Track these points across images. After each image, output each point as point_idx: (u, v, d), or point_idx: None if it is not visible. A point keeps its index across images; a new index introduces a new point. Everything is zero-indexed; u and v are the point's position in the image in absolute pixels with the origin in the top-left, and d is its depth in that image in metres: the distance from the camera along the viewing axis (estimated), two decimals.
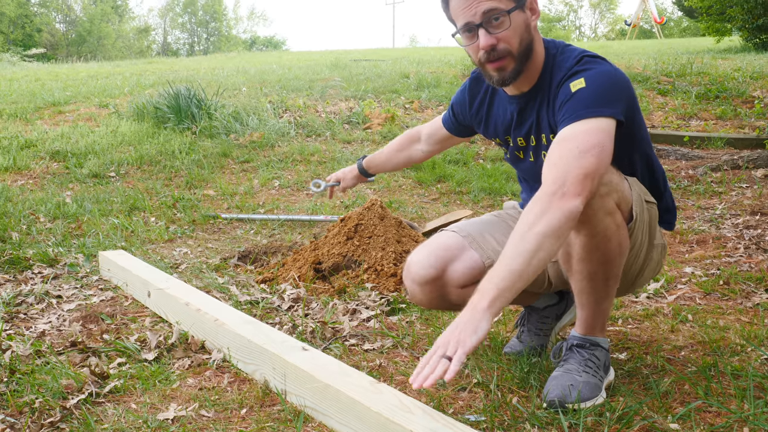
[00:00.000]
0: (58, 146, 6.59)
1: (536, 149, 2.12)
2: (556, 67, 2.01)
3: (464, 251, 2.15)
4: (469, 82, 2.27)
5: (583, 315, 2.03)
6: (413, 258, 2.15)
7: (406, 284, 2.18)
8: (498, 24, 1.92)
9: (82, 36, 49.19)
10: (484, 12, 1.90)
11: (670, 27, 48.88)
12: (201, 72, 12.72)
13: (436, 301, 2.16)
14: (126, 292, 3.16)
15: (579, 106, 1.85)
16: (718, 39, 17.54)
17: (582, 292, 1.98)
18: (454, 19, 1.98)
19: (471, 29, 1.94)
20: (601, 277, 1.93)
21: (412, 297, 2.19)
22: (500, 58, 1.95)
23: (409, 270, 2.15)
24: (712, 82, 9.00)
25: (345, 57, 16.89)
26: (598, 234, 1.85)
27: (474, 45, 1.96)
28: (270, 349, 2.09)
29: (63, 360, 2.35)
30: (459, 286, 2.12)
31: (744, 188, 4.85)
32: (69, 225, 4.41)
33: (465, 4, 1.91)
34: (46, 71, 15.01)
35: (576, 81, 1.89)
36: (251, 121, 7.43)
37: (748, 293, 2.95)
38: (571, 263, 1.95)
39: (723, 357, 2.25)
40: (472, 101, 2.25)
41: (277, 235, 4.28)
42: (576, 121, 1.83)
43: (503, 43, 1.93)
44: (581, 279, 1.95)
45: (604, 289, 1.96)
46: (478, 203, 4.99)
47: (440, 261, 2.11)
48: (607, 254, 1.89)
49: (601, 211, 1.83)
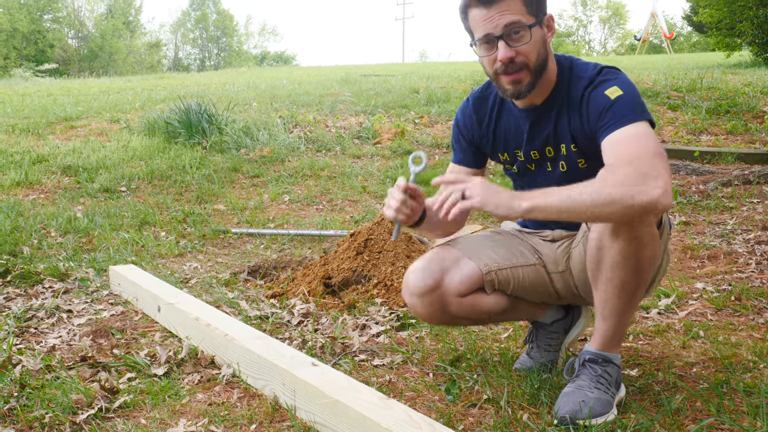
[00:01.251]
0: (69, 161, 6.64)
1: (554, 160, 2.14)
2: (574, 78, 2.05)
3: (460, 260, 2.16)
4: (473, 104, 2.25)
5: (603, 327, 2.01)
6: (410, 272, 2.16)
7: (406, 300, 2.18)
8: (518, 38, 1.95)
9: (94, 51, 49.63)
10: (505, 25, 1.93)
11: (680, 42, 48.89)
12: (212, 87, 12.80)
13: (437, 314, 2.14)
14: (136, 307, 3.17)
15: (626, 111, 1.90)
16: (728, 54, 17.53)
17: (607, 302, 1.97)
18: (473, 29, 2.00)
19: (490, 41, 1.96)
20: (631, 287, 1.94)
21: (414, 311, 2.18)
22: (517, 71, 1.97)
23: (407, 285, 2.15)
24: (722, 97, 8.98)
25: (355, 72, 16.96)
26: (636, 239, 1.87)
27: (492, 56, 1.98)
28: (279, 365, 2.09)
29: (73, 375, 2.35)
30: (458, 294, 2.12)
31: (755, 203, 4.83)
32: (80, 239, 4.43)
33: (487, 15, 1.94)
34: (59, 86, 15.14)
35: (611, 89, 1.95)
36: (261, 136, 7.46)
37: (760, 309, 2.92)
38: (602, 270, 1.95)
39: (735, 374, 2.23)
40: (480, 121, 2.24)
41: (287, 250, 4.29)
42: (627, 124, 1.88)
43: (521, 56, 1.96)
44: (611, 287, 1.95)
45: (631, 301, 1.97)
46: (487, 218, 4.98)
47: (436, 271, 2.11)
48: (641, 262, 1.91)
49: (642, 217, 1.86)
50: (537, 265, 2.21)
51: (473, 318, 2.20)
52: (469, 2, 1.98)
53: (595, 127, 1.96)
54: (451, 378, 2.28)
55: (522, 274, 2.19)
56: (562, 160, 2.12)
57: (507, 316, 2.29)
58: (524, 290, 2.21)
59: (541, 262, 2.22)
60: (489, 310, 2.18)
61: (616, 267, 1.92)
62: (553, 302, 2.33)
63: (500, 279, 2.16)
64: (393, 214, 2.05)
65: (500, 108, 2.20)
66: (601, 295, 1.98)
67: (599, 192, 1.74)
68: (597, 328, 2.03)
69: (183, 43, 63.45)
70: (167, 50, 62.12)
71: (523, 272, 2.20)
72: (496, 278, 2.16)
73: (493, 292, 2.18)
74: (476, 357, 2.47)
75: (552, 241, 2.27)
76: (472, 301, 2.15)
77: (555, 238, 2.26)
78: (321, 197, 5.68)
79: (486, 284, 2.15)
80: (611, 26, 64.94)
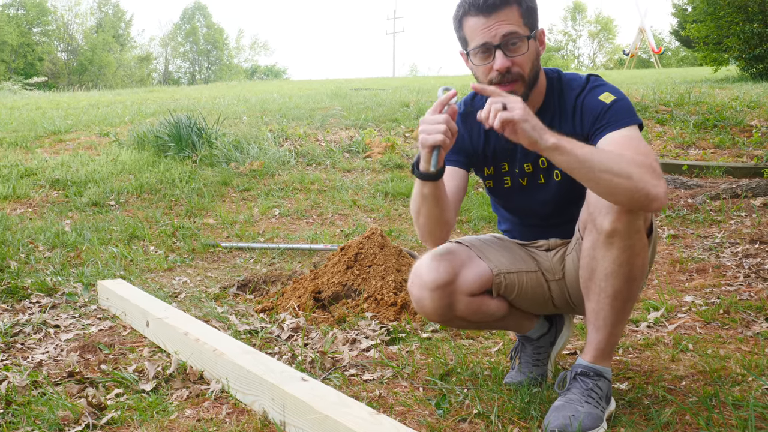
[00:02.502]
0: (58, 175, 6.61)
1: (547, 170, 2.16)
2: (565, 87, 2.11)
3: (473, 259, 2.16)
4: (461, 118, 2.22)
5: (595, 338, 2.01)
6: (422, 264, 2.13)
7: (413, 292, 2.14)
8: (515, 48, 1.97)
9: (84, 65, 49.54)
10: (504, 35, 1.95)
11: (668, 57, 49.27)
12: (202, 101, 12.79)
13: (442, 310, 2.12)
14: (124, 322, 3.15)
15: (621, 115, 1.98)
16: (715, 69, 17.67)
17: (600, 312, 1.98)
18: (469, 38, 2.01)
19: (488, 50, 1.98)
20: (624, 297, 1.95)
21: (420, 305, 2.14)
22: (512, 82, 1.99)
23: (418, 276, 2.12)
24: (710, 111, 9.05)
25: (345, 86, 17.00)
26: (629, 249, 1.90)
27: (487, 66, 1.99)
28: (269, 380, 2.08)
29: (60, 391, 2.33)
30: (468, 293, 2.11)
31: (743, 217, 4.85)
32: (68, 254, 4.41)
33: (486, 24, 1.96)
34: (48, 100, 15.10)
35: (604, 94, 2.02)
36: (252, 149, 7.46)
37: (749, 322, 2.94)
38: (595, 280, 1.96)
39: (724, 387, 2.24)
40: (470, 135, 2.23)
41: (276, 264, 4.28)
42: (625, 126, 1.96)
43: (517, 67, 1.98)
44: (603, 298, 1.96)
45: (623, 311, 1.98)
46: (478, 231, 4.98)
47: (452, 266, 2.10)
48: (633, 271, 1.93)
49: (635, 227, 1.90)
50: (538, 272, 2.23)
51: (473, 321, 2.19)
52: (467, 10, 1.99)
53: (590, 131, 2.00)
54: (442, 392, 2.27)
55: (526, 280, 2.21)
56: (556, 169, 2.13)
57: (500, 323, 2.29)
58: (525, 297, 2.22)
59: (539, 269, 2.23)
60: (491, 313, 2.19)
61: (610, 276, 1.93)
62: (546, 312, 2.34)
63: (507, 283, 2.17)
64: (441, 137, 1.88)
65: None
66: (594, 306, 1.99)
67: (619, 163, 1.79)
68: (589, 341, 2.03)
69: (173, 56, 63.46)
70: (157, 64, 62.12)
71: (527, 278, 2.21)
72: (504, 282, 2.17)
73: (497, 297, 2.18)
74: (466, 371, 2.47)
75: (547, 250, 2.27)
76: (479, 302, 2.15)
77: (550, 246, 2.27)
78: (311, 211, 5.67)
79: (494, 287, 2.16)
80: (600, 41, 65.38)
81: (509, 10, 1.96)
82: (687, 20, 19.74)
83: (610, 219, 1.88)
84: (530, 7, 2.00)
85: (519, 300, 2.22)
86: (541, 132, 1.80)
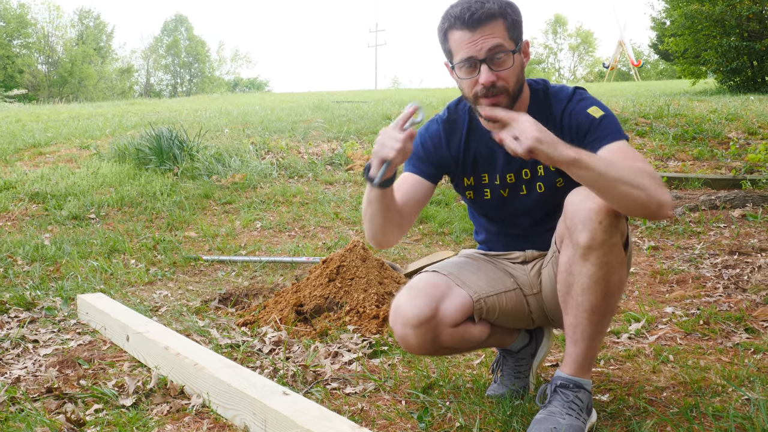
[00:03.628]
0: (37, 188, 6.55)
1: (530, 182, 2.16)
2: (552, 97, 2.12)
3: (452, 288, 2.13)
4: (443, 127, 2.23)
5: (574, 352, 2.01)
6: (402, 301, 2.09)
7: (396, 330, 2.10)
8: (500, 62, 1.97)
9: (64, 77, 49.24)
10: (489, 48, 1.95)
11: (647, 70, 49.83)
12: (184, 113, 12.75)
13: (427, 345, 2.09)
14: (104, 336, 3.12)
15: (612, 129, 2.01)
16: (693, 81, 17.90)
17: (577, 327, 1.98)
18: (455, 51, 2.00)
19: (473, 64, 1.97)
20: (601, 311, 1.95)
21: (404, 342, 2.11)
22: (496, 95, 1.98)
23: (399, 314, 2.08)
24: (688, 123, 9.14)
25: (328, 98, 17.02)
26: (606, 264, 1.90)
27: (473, 80, 1.99)
28: (250, 394, 2.07)
29: (38, 407, 2.30)
30: (452, 324, 2.09)
31: (722, 228, 4.90)
32: (47, 268, 4.37)
33: (471, 38, 1.95)
34: (27, 112, 14.98)
35: (592, 108, 2.05)
36: (233, 162, 7.44)
37: (728, 333, 2.96)
38: (572, 294, 1.96)
39: (704, 398, 2.25)
40: (449, 144, 2.23)
41: (258, 277, 4.26)
42: (618, 140, 1.99)
43: (502, 81, 1.98)
44: (581, 312, 1.96)
45: (600, 325, 1.98)
46: (460, 244, 5.00)
47: (432, 300, 2.07)
48: (610, 287, 1.93)
49: (612, 241, 1.89)
50: (516, 290, 2.22)
51: (458, 348, 2.19)
52: (452, 23, 1.98)
53: (582, 143, 1.99)
54: (424, 405, 2.27)
55: (506, 300, 2.20)
56: (540, 181, 2.14)
57: (482, 344, 2.28)
58: (506, 316, 2.21)
59: (517, 286, 2.23)
60: (475, 339, 2.17)
61: (587, 291, 1.93)
62: (525, 327, 2.34)
63: (488, 307, 2.16)
64: (393, 154, 1.89)
65: (470, 132, 2.21)
66: (572, 320, 1.99)
67: (633, 174, 1.80)
68: (568, 353, 2.03)
69: (155, 69, 63.25)
70: (139, 76, 61.89)
71: (507, 298, 2.20)
72: (485, 306, 2.15)
73: (479, 321, 2.17)
74: (448, 384, 2.46)
75: (523, 263, 2.28)
76: (463, 331, 2.13)
77: (527, 259, 2.27)
78: (293, 224, 5.66)
79: (475, 312, 2.14)
80: (581, 54, 66.03)
81: (495, 24, 1.95)
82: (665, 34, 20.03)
83: (587, 234, 1.88)
84: (515, 21, 2.00)
85: (500, 320, 2.22)
86: (558, 147, 1.79)
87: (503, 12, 1.97)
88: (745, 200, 5.47)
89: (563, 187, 2.10)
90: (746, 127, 8.82)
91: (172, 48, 62.06)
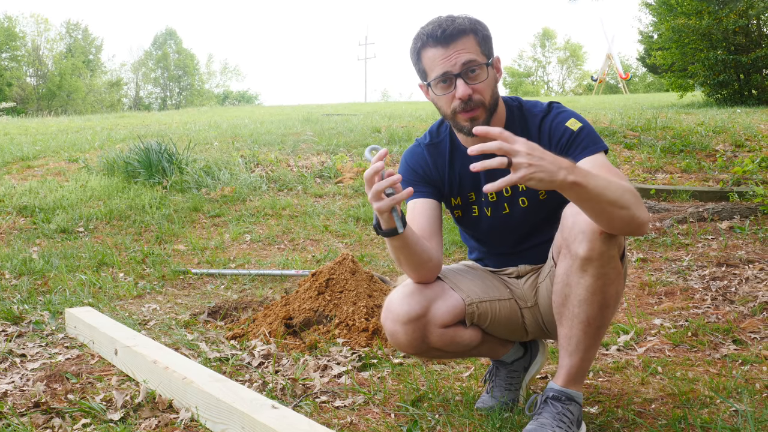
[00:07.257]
0: (25, 201, 6.52)
1: (512, 198, 2.18)
2: (527, 113, 2.15)
3: (445, 290, 2.16)
4: (427, 150, 2.24)
5: (568, 364, 2.01)
6: (394, 298, 2.13)
7: (387, 326, 2.14)
8: (475, 76, 2.00)
9: (53, 90, 49.12)
10: (463, 63, 1.98)
11: (635, 83, 50.17)
12: (173, 126, 12.74)
13: (416, 343, 2.12)
14: (92, 350, 3.10)
15: (592, 141, 2.03)
16: (681, 94, 18.05)
17: (573, 338, 1.99)
18: (428, 69, 2.03)
19: (448, 79, 2.00)
20: (597, 324, 1.96)
21: (394, 339, 2.14)
22: (473, 109, 2.01)
23: (390, 310, 2.12)
24: (676, 136, 9.21)
25: (317, 111, 17.05)
26: (603, 276, 1.91)
27: (449, 95, 2.02)
28: (239, 408, 2.06)
29: (25, 422, 2.28)
30: (442, 325, 2.11)
31: (710, 240, 4.93)
32: (35, 281, 4.34)
33: (445, 54, 1.99)
34: (16, 125, 14.93)
35: (569, 121, 2.07)
36: (223, 175, 7.43)
37: (716, 344, 2.97)
38: (569, 306, 1.97)
39: (692, 409, 2.26)
40: (435, 165, 2.24)
41: (247, 290, 4.25)
42: (597, 153, 2.01)
43: (478, 94, 2.01)
44: (576, 324, 1.97)
45: (596, 336, 1.99)
46: (449, 256, 5.00)
47: (424, 299, 2.11)
48: (607, 299, 1.94)
49: (610, 253, 1.90)
50: (511, 300, 2.24)
51: (448, 351, 2.19)
52: (425, 42, 2.02)
53: (570, 154, 2.00)
54: (413, 418, 2.27)
55: (499, 308, 2.21)
56: (522, 196, 2.16)
57: (474, 351, 2.29)
58: (499, 325, 2.23)
59: (512, 297, 2.24)
60: (465, 343, 2.18)
61: (583, 303, 1.94)
62: (519, 339, 2.35)
63: (480, 312, 2.17)
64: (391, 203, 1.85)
65: (453, 152, 2.23)
66: (567, 331, 1.99)
67: (620, 193, 1.78)
68: (561, 365, 2.04)
69: (144, 82, 63.17)
70: (128, 89, 61.80)
71: (500, 306, 2.22)
72: (477, 311, 2.17)
73: (470, 326, 2.18)
74: (438, 396, 2.46)
75: (517, 278, 2.29)
76: (453, 333, 2.15)
77: (520, 273, 2.29)
78: (282, 237, 5.65)
79: (467, 316, 2.16)
80: (569, 67, 66.45)
81: (466, 39, 2.00)
82: (653, 47, 20.19)
83: (586, 245, 1.89)
84: (486, 36, 2.05)
85: (492, 328, 2.23)
86: (558, 172, 1.68)
87: (474, 28, 2.02)
88: (732, 212, 5.51)
89: (546, 199, 2.13)
90: (733, 139, 8.90)
91: (162, 61, 62.01)
